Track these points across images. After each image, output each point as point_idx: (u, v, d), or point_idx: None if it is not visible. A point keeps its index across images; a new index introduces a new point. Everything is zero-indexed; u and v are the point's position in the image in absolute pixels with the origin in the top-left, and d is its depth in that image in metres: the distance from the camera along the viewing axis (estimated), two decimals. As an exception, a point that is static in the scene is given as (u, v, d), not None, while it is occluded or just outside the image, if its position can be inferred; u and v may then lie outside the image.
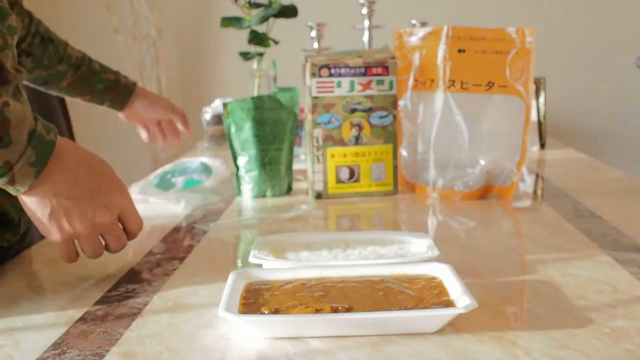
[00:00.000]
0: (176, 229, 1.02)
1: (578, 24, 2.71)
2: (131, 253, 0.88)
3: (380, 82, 1.18)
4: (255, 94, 1.56)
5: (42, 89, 1.28)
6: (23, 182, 0.68)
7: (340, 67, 1.18)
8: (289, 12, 1.40)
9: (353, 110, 1.19)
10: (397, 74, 1.20)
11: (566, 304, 0.66)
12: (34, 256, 0.91)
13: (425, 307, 0.60)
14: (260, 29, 1.44)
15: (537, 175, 1.40)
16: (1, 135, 0.65)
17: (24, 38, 1.18)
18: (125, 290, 0.74)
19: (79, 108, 1.81)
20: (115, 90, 1.31)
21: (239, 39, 1.74)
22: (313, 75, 1.17)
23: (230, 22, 1.45)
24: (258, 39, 1.44)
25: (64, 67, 1.24)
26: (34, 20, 1.21)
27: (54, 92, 1.29)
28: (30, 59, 1.20)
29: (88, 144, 0.99)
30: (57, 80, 1.25)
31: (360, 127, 1.19)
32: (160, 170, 1.34)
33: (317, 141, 1.19)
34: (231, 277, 0.67)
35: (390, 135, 1.20)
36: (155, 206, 1.18)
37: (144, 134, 1.43)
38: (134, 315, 0.66)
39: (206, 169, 1.34)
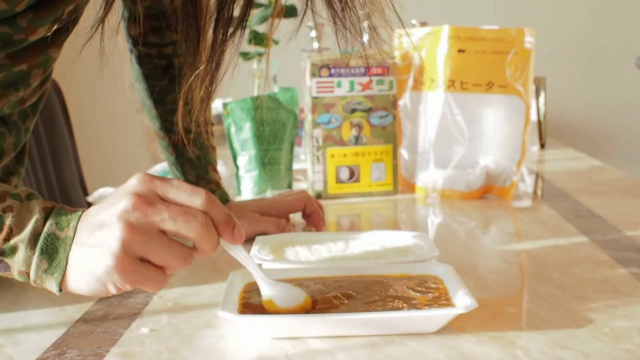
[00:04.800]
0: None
1: (578, 24, 2.71)
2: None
3: (380, 82, 1.18)
4: (255, 94, 1.56)
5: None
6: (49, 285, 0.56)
7: (340, 67, 1.18)
8: (289, 12, 1.40)
9: (353, 110, 1.19)
10: (397, 74, 1.20)
11: (566, 304, 0.66)
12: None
13: (425, 307, 0.60)
14: (260, 29, 1.44)
15: (537, 175, 1.40)
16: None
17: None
18: (125, 290, 0.74)
19: (79, 107, 1.81)
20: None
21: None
22: (313, 75, 1.17)
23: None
24: (258, 39, 1.44)
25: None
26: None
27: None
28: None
29: (88, 143, 0.98)
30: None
31: (360, 127, 1.19)
32: (159, 168, 1.34)
33: (317, 141, 1.19)
34: (231, 277, 0.67)
35: (390, 135, 1.20)
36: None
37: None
38: (134, 315, 0.66)
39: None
